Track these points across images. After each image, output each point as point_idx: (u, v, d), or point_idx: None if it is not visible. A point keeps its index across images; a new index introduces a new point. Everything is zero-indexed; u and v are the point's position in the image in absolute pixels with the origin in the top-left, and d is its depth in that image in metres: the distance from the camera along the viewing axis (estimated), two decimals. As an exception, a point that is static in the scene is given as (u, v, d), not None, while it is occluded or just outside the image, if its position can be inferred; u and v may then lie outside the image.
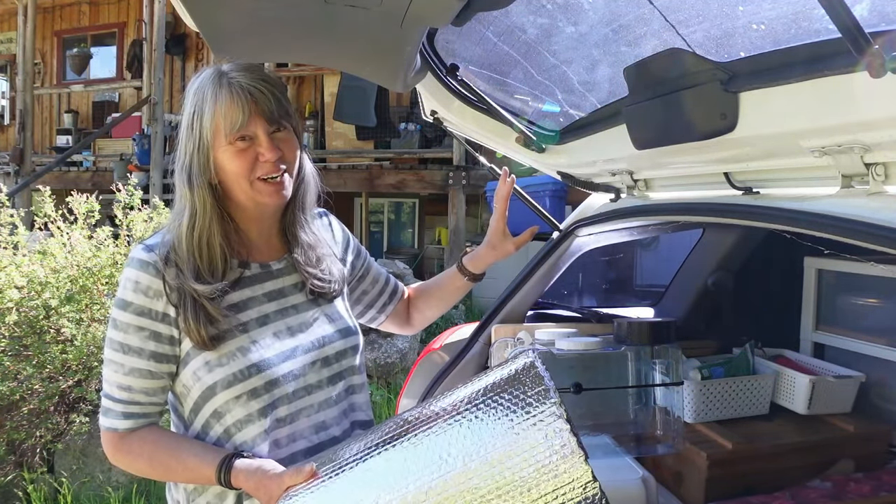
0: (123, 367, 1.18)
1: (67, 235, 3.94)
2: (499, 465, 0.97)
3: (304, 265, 1.31)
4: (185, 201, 1.21)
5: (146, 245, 1.22)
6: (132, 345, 1.17)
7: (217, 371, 1.18)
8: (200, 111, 1.19)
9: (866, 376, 1.99)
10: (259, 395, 1.19)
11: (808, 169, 1.23)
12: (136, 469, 1.22)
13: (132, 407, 1.20)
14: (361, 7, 1.22)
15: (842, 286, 2.21)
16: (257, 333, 1.22)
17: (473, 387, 1.07)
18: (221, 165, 1.20)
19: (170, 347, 1.19)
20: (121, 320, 1.18)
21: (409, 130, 7.92)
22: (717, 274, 2.51)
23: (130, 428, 1.20)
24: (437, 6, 1.22)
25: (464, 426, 1.02)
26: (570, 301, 3.30)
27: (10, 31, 10.54)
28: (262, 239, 1.30)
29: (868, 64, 0.88)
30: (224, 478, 1.14)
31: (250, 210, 1.25)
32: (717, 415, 1.96)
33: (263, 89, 1.18)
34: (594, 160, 1.83)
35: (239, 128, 1.17)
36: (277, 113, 1.20)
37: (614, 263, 4.59)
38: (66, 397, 3.66)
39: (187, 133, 1.20)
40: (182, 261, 1.19)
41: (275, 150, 1.19)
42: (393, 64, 1.59)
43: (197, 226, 1.19)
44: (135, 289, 1.17)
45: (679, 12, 1.30)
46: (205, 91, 1.19)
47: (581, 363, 1.68)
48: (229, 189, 1.22)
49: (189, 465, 1.18)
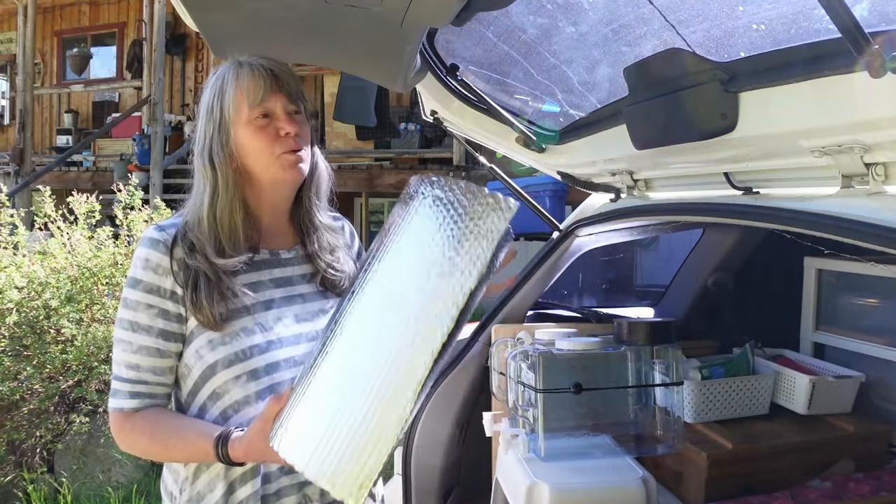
0: (132, 346, 1.19)
1: (67, 235, 3.94)
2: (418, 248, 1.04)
3: (318, 252, 1.32)
4: (205, 180, 1.23)
5: (159, 225, 1.24)
6: (141, 322, 1.19)
7: (220, 349, 1.19)
8: (220, 93, 1.22)
9: (866, 376, 1.99)
10: (259, 377, 1.20)
11: (808, 169, 1.23)
12: (138, 448, 1.23)
13: (139, 386, 1.21)
14: (361, 7, 1.22)
15: (842, 286, 2.21)
16: (262, 316, 1.23)
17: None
18: (242, 144, 1.22)
19: (178, 325, 1.20)
20: (131, 298, 1.20)
21: (409, 130, 7.92)
22: (718, 274, 2.51)
23: (136, 408, 1.21)
24: (437, 6, 1.22)
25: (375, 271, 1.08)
26: (570, 301, 3.30)
27: (10, 31, 10.55)
28: (273, 226, 1.31)
29: (868, 64, 0.88)
30: (221, 450, 1.15)
31: (266, 192, 1.27)
32: (717, 415, 1.95)
33: (283, 69, 1.24)
34: (594, 160, 1.83)
35: (261, 100, 1.20)
36: (296, 93, 1.24)
37: (614, 263, 4.59)
38: (66, 397, 3.67)
39: (206, 118, 1.24)
40: (203, 237, 1.20)
41: (294, 124, 1.23)
42: (393, 64, 1.60)
43: (219, 203, 1.21)
44: (144, 266, 1.19)
45: (679, 12, 1.30)
46: (224, 76, 1.23)
47: (581, 363, 1.68)
48: (249, 169, 1.24)
49: (188, 439, 1.19)
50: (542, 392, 1.61)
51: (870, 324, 2.12)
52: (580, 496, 1.51)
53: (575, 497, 1.51)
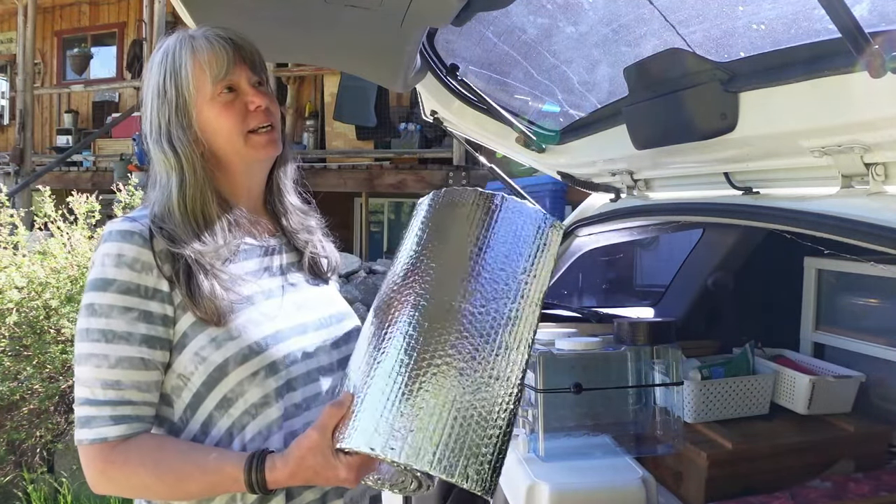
0: (108, 360, 1.00)
1: (67, 235, 3.93)
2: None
3: (294, 231, 1.22)
4: (168, 169, 1.09)
5: (128, 217, 1.08)
6: (117, 330, 1.00)
7: (228, 346, 1.04)
8: (174, 71, 1.09)
9: (866, 376, 1.99)
10: (277, 370, 1.06)
11: (808, 169, 1.23)
12: (135, 485, 1.02)
13: (123, 408, 1.00)
14: (361, 7, 1.22)
15: (842, 286, 2.21)
16: (265, 306, 1.10)
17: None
18: (207, 124, 1.10)
19: (164, 329, 1.03)
20: (101, 303, 1.00)
21: (409, 130, 7.92)
22: (718, 274, 2.51)
23: (124, 435, 1.00)
24: (437, 6, 1.22)
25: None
26: (570, 301, 3.30)
27: (10, 31, 10.53)
28: (251, 214, 1.19)
29: (868, 64, 0.88)
30: (257, 474, 0.97)
31: (240, 176, 1.15)
32: (717, 415, 1.95)
33: (241, 39, 1.12)
34: (594, 160, 1.83)
35: (226, 74, 1.08)
36: (259, 63, 1.14)
37: (614, 263, 4.59)
38: (66, 397, 3.67)
39: (158, 102, 1.10)
40: (178, 228, 1.05)
41: (263, 96, 1.12)
42: (393, 64, 1.60)
43: (189, 194, 1.08)
44: (117, 263, 1.01)
45: (679, 12, 1.30)
46: (175, 52, 1.10)
47: (581, 363, 1.68)
48: (218, 152, 1.12)
49: (209, 466, 1.00)
50: (542, 392, 1.61)
51: (870, 324, 2.12)
52: (580, 496, 1.51)
53: (575, 497, 1.51)
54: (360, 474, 1.00)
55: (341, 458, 0.96)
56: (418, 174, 7.59)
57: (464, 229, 1.08)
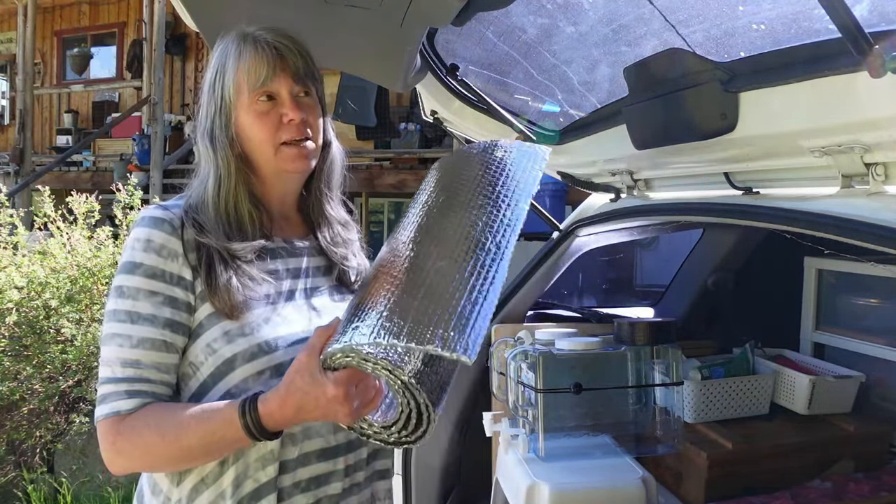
0: (131, 339, 1.02)
1: (67, 235, 3.94)
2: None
3: (331, 244, 1.22)
4: (209, 164, 1.12)
5: (161, 204, 1.11)
6: (143, 312, 1.03)
7: (239, 341, 1.05)
8: (222, 70, 1.11)
9: (866, 376, 1.99)
10: (282, 373, 1.03)
11: (808, 169, 1.23)
12: (141, 452, 1.02)
13: (140, 384, 1.03)
14: (361, 7, 1.22)
15: (842, 286, 2.21)
16: (283, 307, 1.11)
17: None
18: (243, 130, 1.11)
19: (186, 316, 1.05)
20: (128, 286, 1.03)
21: (409, 130, 7.92)
22: (717, 274, 2.51)
23: (134, 409, 1.02)
24: (437, 6, 1.23)
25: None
26: (570, 301, 3.30)
27: (10, 31, 10.54)
28: (283, 216, 1.21)
29: (868, 64, 0.88)
30: (250, 414, 0.98)
31: (272, 182, 1.16)
32: (717, 415, 1.95)
33: (290, 46, 1.12)
34: (594, 160, 1.83)
35: (263, 83, 1.09)
36: (304, 72, 1.13)
37: (614, 263, 4.58)
38: (66, 397, 3.67)
39: (209, 95, 1.13)
40: (209, 220, 1.08)
41: (299, 109, 1.11)
42: (393, 64, 1.60)
43: (223, 190, 1.11)
44: (146, 248, 1.04)
45: (679, 12, 1.31)
46: (228, 49, 1.12)
47: (581, 363, 1.67)
48: (251, 157, 1.13)
49: (205, 413, 1.01)
50: (542, 392, 1.61)
51: (870, 324, 2.12)
52: (580, 496, 1.51)
53: (575, 497, 1.51)
54: (349, 393, 0.97)
55: (328, 374, 0.96)
56: (418, 174, 7.59)
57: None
